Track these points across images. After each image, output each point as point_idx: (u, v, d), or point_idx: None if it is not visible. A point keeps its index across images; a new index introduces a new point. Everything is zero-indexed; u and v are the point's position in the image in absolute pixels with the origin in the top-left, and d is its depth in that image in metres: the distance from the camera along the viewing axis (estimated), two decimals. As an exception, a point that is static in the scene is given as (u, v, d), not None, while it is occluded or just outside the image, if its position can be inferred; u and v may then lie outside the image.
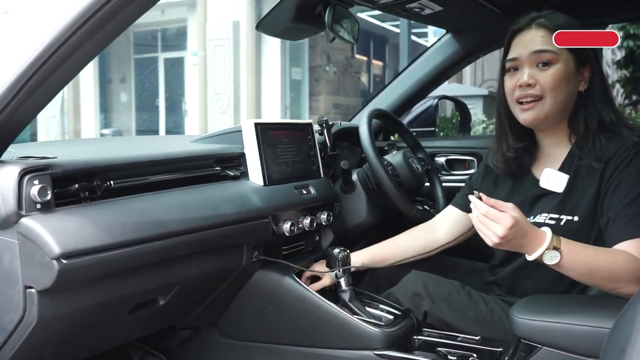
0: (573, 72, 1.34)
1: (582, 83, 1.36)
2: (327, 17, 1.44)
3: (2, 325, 1.01)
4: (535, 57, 1.34)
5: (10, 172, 0.98)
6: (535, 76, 1.34)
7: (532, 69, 1.34)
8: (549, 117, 1.36)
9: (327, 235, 1.75)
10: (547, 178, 1.39)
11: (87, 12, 0.89)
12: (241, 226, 1.34)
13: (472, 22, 1.98)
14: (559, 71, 1.33)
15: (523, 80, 1.34)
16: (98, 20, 0.90)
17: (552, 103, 1.34)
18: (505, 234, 1.16)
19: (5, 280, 0.99)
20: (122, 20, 0.94)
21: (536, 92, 1.34)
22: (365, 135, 1.69)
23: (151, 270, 1.17)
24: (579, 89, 1.37)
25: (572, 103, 1.37)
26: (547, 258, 1.19)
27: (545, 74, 1.33)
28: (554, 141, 1.41)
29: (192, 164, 1.38)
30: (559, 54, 1.33)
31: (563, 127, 1.39)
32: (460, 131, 2.51)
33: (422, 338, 1.44)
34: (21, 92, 0.94)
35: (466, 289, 1.47)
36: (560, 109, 1.36)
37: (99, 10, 0.89)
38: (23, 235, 0.97)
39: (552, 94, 1.33)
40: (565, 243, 1.20)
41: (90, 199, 1.10)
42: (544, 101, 1.34)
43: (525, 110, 1.36)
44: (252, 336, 1.54)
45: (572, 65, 1.34)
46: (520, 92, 1.36)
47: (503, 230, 1.16)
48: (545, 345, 1.19)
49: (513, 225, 1.16)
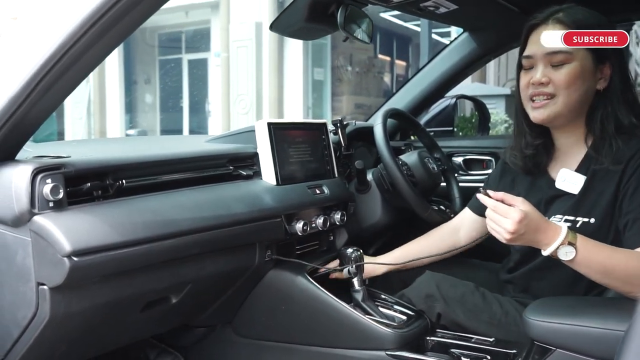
0: (590, 70, 1.31)
1: (601, 81, 1.33)
2: (340, 17, 1.44)
3: (15, 321, 1.03)
4: (549, 57, 1.31)
5: (23, 171, 1.00)
6: (548, 75, 1.31)
7: (545, 67, 1.32)
8: (561, 116, 1.33)
9: (341, 235, 1.75)
10: (563, 179, 1.36)
11: (95, 14, 0.91)
12: (253, 225, 1.35)
13: (489, 20, 1.96)
14: (573, 70, 1.30)
15: (536, 79, 1.32)
16: (106, 22, 0.91)
17: (564, 102, 1.31)
18: (515, 228, 1.16)
19: (18, 277, 1.01)
20: (131, 21, 0.95)
21: (549, 91, 1.32)
22: (379, 135, 1.68)
23: (162, 269, 1.19)
24: (598, 87, 1.33)
25: (588, 102, 1.34)
26: (562, 253, 1.17)
27: (559, 72, 1.30)
28: (570, 141, 1.39)
29: (204, 163, 1.39)
30: (574, 54, 1.30)
31: (579, 126, 1.36)
32: (479, 131, 2.49)
33: (435, 339, 1.43)
34: (33, 93, 0.96)
35: (480, 290, 1.45)
36: (574, 108, 1.33)
37: (107, 12, 0.90)
38: (35, 233, 0.99)
39: (566, 92, 1.31)
40: (581, 239, 1.18)
41: (103, 198, 1.12)
42: (556, 99, 1.32)
43: (537, 108, 1.34)
44: (265, 335, 1.54)
45: (589, 63, 1.31)
46: (533, 89, 1.34)
47: (512, 225, 1.16)
48: (558, 347, 1.18)
49: (522, 219, 1.15)
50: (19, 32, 1.01)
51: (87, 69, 1.00)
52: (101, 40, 0.95)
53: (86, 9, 0.92)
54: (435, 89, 2.18)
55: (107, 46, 0.98)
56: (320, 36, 1.65)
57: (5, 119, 0.98)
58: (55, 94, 1.00)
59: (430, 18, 1.88)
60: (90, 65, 1.00)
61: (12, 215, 1.00)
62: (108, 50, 0.99)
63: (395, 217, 1.83)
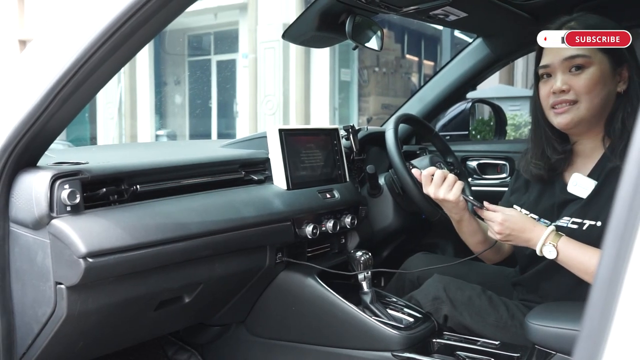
0: (609, 74, 1.31)
1: (620, 84, 1.33)
2: (348, 26, 1.47)
3: (36, 318, 1.10)
4: (568, 63, 1.31)
5: (43, 177, 1.07)
6: (568, 82, 1.31)
7: (565, 74, 1.32)
8: (584, 121, 1.33)
9: (353, 238, 1.79)
10: (575, 183, 1.38)
11: (110, 29, 0.97)
12: (262, 229, 1.39)
13: (500, 26, 1.96)
14: (593, 74, 1.30)
15: (557, 87, 1.32)
16: (120, 37, 0.97)
17: (587, 107, 1.32)
18: (500, 229, 1.34)
19: (38, 276, 1.08)
20: (142, 36, 1.00)
21: (571, 98, 1.32)
22: (390, 140, 1.71)
23: (175, 270, 1.24)
24: (618, 89, 1.33)
25: (610, 105, 1.34)
26: (546, 252, 1.30)
27: (579, 78, 1.31)
28: (589, 145, 1.39)
29: (217, 168, 1.44)
30: (592, 57, 1.30)
31: (599, 130, 1.36)
32: (496, 134, 2.49)
33: (442, 341, 1.45)
34: (52, 104, 1.02)
35: (487, 294, 1.47)
36: (597, 112, 1.33)
37: (120, 28, 0.96)
38: (54, 235, 1.05)
39: (588, 97, 1.31)
40: (564, 240, 1.28)
41: (118, 202, 1.18)
42: (579, 105, 1.32)
43: (560, 114, 1.34)
44: (277, 334, 1.59)
45: (607, 66, 1.31)
46: (554, 98, 1.34)
47: (497, 226, 1.35)
48: (559, 351, 1.20)
49: (503, 221, 1.34)
50: (39, 44, 1.08)
51: (102, 81, 1.05)
52: (116, 53, 1.01)
53: (101, 23, 0.98)
54: (450, 93, 2.20)
55: (121, 59, 1.04)
56: (331, 44, 1.69)
57: (27, 128, 1.04)
58: (74, 103, 1.06)
59: (442, 25, 1.90)
60: (104, 78, 1.05)
61: (32, 218, 1.06)
62: (122, 62, 1.05)
63: (407, 220, 1.86)
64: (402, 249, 2.00)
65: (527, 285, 1.49)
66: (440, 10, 1.56)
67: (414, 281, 1.69)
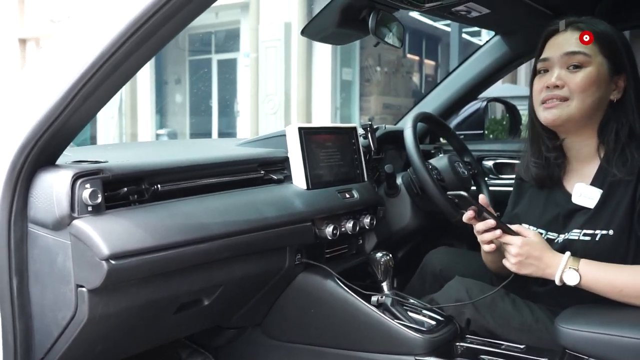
0: (605, 79, 1.31)
1: (615, 92, 1.33)
2: (371, 22, 1.45)
3: (55, 322, 1.06)
4: (567, 58, 1.31)
5: (64, 177, 1.04)
6: (564, 78, 1.31)
7: (562, 70, 1.31)
8: (572, 120, 1.32)
9: (370, 239, 1.76)
10: (580, 194, 1.36)
11: (133, 25, 0.93)
12: (283, 229, 1.36)
13: (521, 23, 1.94)
14: (590, 74, 1.29)
15: (551, 82, 1.31)
16: (144, 32, 0.94)
17: (578, 106, 1.30)
18: (518, 252, 1.26)
19: (58, 278, 1.04)
20: (169, 30, 0.97)
21: (563, 94, 1.31)
22: (409, 139, 1.68)
23: (196, 272, 1.21)
24: (611, 97, 1.33)
25: (600, 111, 1.33)
26: (567, 279, 1.24)
27: (576, 75, 1.30)
28: (583, 153, 1.38)
29: (236, 167, 1.41)
30: (592, 57, 1.30)
31: (591, 136, 1.35)
32: (510, 134, 2.47)
33: (465, 345, 1.42)
34: (74, 101, 0.99)
35: (511, 297, 1.45)
36: (587, 114, 1.32)
37: (145, 23, 0.93)
38: (75, 236, 1.02)
39: (580, 96, 1.30)
40: (583, 264, 1.24)
41: (138, 202, 1.15)
42: (569, 102, 1.31)
43: (548, 109, 1.33)
44: (294, 337, 1.56)
45: (605, 71, 1.31)
46: (546, 93, 1.33)
47: (515, 249, 1.27)
48: (591, 356, 1.17)
49: (524, 244, 1.26)
50: (61, 39, 1.04)
51: (124, 78, 1.03)
52: (140, 48, 0.98)
53: (127, 18, 0.95)
54: (466, 92, 2.18)
55: (146, 55, 1.01)
56: (351, 41, 1.66)
57: (47, 125, 1.01)
58: (95, 101, 1.03)
59: (463, 22, 1.88)
60: (126, 75, 1.02)
61: (53, 219, 1.03)
62: (146, 58, 1.02)
63: (425, 221, 1.84)
64: (418, 249, 1.97)
65: (545, 299, 1.46)
66: (462, 6, 1.54)
67: (436, 274, 1.66)
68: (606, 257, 1.26)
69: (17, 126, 1.03)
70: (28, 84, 1.07)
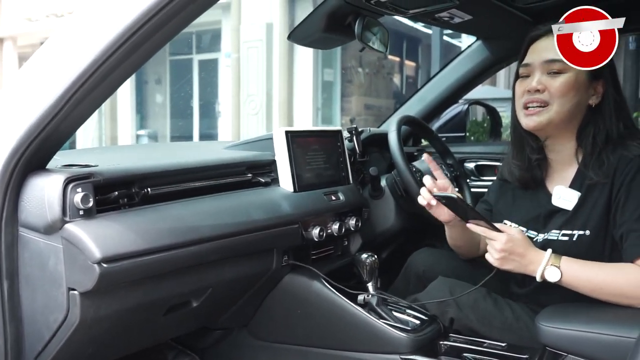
0: (584, 84, 1.35)
1: (593, 97, 1.37)
2: (357, 28, 1.47)
3: (47, 325, 1.07)
4: (547, 65, 1.36)
5: (55, 181, 1.04)
6: (544, 82, 1.35)
7: (542, 75, 1.36)
8: (552, 124, 1.37)
9: (356, 240, 1.78)
10: (559, 196, 1.41)
11: (127, 31, 0.95)
12: (271, 232, 1.38)
13: (502, 29, 1.98)
14: (568, 80, 1.34)
15: (532, 86, 1.36)
16: (137, 39, 0.95)
17: (557, 110, 1.35)
18: (502, 248, 1.29)
19: (50, 282, 1.05)
20: (161, 37, 0.99)
21: (544, 98, 1.36)
22: (394, 142, 1.71)
23: (186, 274, 1.22)
24: (589, 102, 1.37)
25: (579, 115, 1.38)
26: (548, 276, 1.28)
27: (555, 80, 1.35)
28: (562, 156, 1.43)
29: (225, 171, 1.43)
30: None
31: (570, 140, 1.40)
32: (491, 136, 2.51)
33: (449, 344, 1.45)
34: (67, 105, 1.00)
35: (493, 296, 1.48)
36: (566, 118, 1.37)
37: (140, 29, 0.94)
38: (67, 240, 1.03)
39: (560, 101, 1.35)
40: (565, 261, 1.28)
41: (129, 206, 1.16)
42: (549, 108, 1.36)
43: (530, 115, 1.38)
44: (281, 338, 1.57)
45: (584, 77, 1.35)
46: (528, 96, 1.38)
47: (499, 245, 1.29)
48: (571, 353, 1.21)
49: (508, 241, 1.29)
50: (53, 44, 1.05)
51: (117, 82, 1.03)
52: (132, 55, 0.99)
53: (120, 25, 0.96)
54: (448, 95, 2.21)
55: (138, 61, 1.02)
56: (336, 45, 1.68)
57: (39, 130, 1.01)
58: (88, 105, 1.04)
59: (445, 27, 1.91)
60: (120, 80, 1.03)
61: (44, 223, 1.04)
62: (138, 65, 1.03)
63: (408, 222, 1.86)
64: (401, 250, 2.00)
65: (529, 298, 1.49)
66: (445, 12, 1.57)
67: (420, 275, 1.69)
68: (583, 256, 1.31)
69: (8, 130, 1.03)
70: (20, 89, 1.08)
